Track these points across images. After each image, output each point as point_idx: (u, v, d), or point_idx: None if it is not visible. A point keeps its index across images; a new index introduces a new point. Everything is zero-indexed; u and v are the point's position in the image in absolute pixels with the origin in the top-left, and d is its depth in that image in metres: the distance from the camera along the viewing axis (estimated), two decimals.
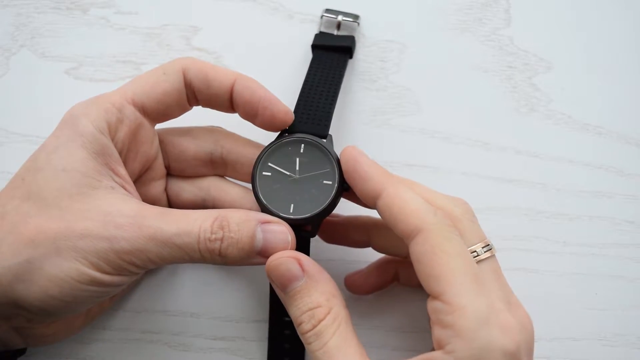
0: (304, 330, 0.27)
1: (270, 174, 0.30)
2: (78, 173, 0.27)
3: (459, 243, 0.26)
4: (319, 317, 0.27)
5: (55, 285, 0.25)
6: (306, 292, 0.27)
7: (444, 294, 0.25)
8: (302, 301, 0.27)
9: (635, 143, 0.38)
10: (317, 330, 0.26)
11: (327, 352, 0.26)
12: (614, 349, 0.35)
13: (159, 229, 0.26)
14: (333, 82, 0.34)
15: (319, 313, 0.27)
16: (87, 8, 0.40)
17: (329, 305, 0.27)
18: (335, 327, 0.26)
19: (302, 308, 0.27)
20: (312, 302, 0.27)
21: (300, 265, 0.27)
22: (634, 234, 0.37)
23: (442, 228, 0.26)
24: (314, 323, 0.26)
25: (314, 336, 0.26)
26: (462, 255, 0.25)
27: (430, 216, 0.26)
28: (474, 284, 0.25)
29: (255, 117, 0.30)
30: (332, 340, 0.26)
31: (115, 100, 0.29)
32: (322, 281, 0.28)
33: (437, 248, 0.25)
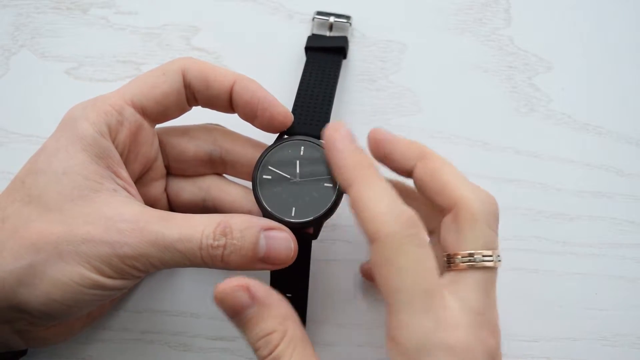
0: (261, 355, 0.26)
1: (270, 177, 0.30)
2: (79, 176, 0.27)
3: (415, 256, 0.24)
4: (274, 343, 0.26)
5: (57, 289, 0.25)
6: (259, 319, 0.26)
7: (391, 308, 0.24)
8: (255, 328, 0.26)
9: (635, 143, 0.38)
10: (275, 355, 0.26)
11: None
12: (614, 349, 0.35)
13: (161, 234, 0.26)
14: (329, 83, 0.34)
15: (274, 339, 0.26)
16: (87, 8, 0.40)
17: (283, 330, 0.26)
18: (292, 350, 0.26)
19: (257, 335, 0.26)
20: (266, 328, 0.26)
21: (250, 292, 0.26)
22: (634, 234, 0.37)
23: (398, 239, 0.24)
24: (271, 349, 0.26)
25: None
26: (415, 269, 0.24)
27: (389, 225, 0.24)
28: (424, 301, 0.24)
29: (255, 118, 0.30)
30: None
31: (115, 102, 0.28)
32: (273, 305, 0.26)
33: (388, 262, 0.24)
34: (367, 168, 0.26)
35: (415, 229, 0.25)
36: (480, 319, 0.25)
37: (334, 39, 0.38)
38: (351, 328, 0.35)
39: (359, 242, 0.36)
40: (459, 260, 0.26)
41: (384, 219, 0.24)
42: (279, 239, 0.28)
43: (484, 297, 0.26)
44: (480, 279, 0.26)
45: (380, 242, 0.24)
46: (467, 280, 0.26)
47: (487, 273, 0.26)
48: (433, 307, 0.24)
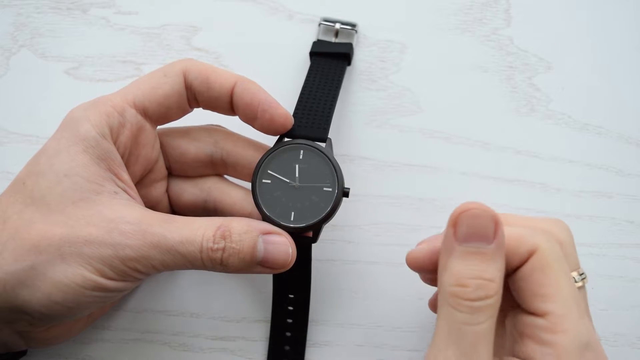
0: (465, 295, 0.23)
1: (270, 181, 0.30)
2: (81, 178, 0.27)
3: (566, 266, 0.25)
4: (488, 292, 0.23)
5: (59, 290, 0.25)
6: (488, 259, 0.24)
7: (552, 313, 0.24)
8: (478, 265, 0.24)
9: (635, 143, 0.38)
10: (478, 305, 0.23)
11: (475, 333, 0.23)
12: (614, 349, 0.35)
13: (163, 236, 0.26)
14: (332, 88, 0.34)
15: (490, 288, 0.23)
16: (87, 8, 0.40)
17: (499, 286, 0.24)
18: (494, 312, 0.24)
19: (475, 271, 0.24)
20: (490, 273, 0.24)
21: (496, 228, 0.24)
22: (634, 234, 0.37)
23: (554, 249, 0.25)
24: (480, 295, 0.23)
25: (469, 308, 0.23)
26: (568, 277, 0.25)
27: (541, 237, 0.25)
28: (578, 308, 0.24)
29: (255, 120, 0.30)
30: (485, 323, 0.23)
31: (117, 103, 0.28)
32: (503, 259, 0.24)
33: (549, 268, 0.24)
34: None
35: (559, 244, 0.26)
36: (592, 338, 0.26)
37: (339, 45, 0.38)
38: (351, 328, 0.35)
39: (359, 242, 0.36)
40: None
41: (534, 234, 0.25)
42: (277, 243, 0.28)
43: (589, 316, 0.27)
44: (581, 297, 0.27)
45: (540, 251, 0.25)
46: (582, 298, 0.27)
47: (583, 291, 0.27)
48: (583, 314, 0.25)
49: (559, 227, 0.27)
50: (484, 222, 0.24)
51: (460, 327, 0.23)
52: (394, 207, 0.37)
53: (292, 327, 0.33)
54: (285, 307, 0.33)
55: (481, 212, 0.24)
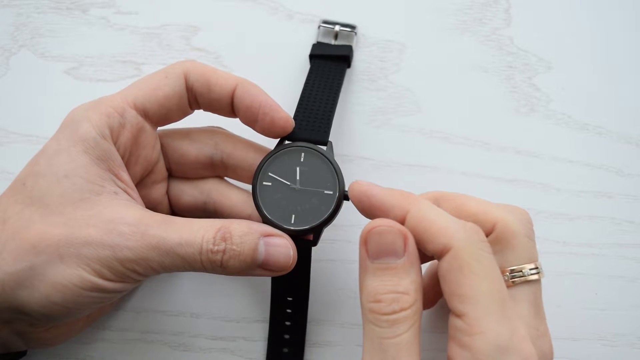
0: (381, 310, 0.24)
1: (270, 184, 0.30)
2: (80, 179, 0.26)
3: (489, 263, 0.24)
4: (402, 305, 0.24)
5: (57, 291, 0.25)
6: (399, 273, 0.25)
7: (467, 315, 0.24)
8: (390, 280, 0.25)
9: (635, 143, 0.38)
10: (394, 317, 0.24)
11: (398, 345, 0.24)
12: (614, 349, 0.35)
13: (162, 238, 0.26)
14: (332, 90, 0.34)
15: (404, 300, 0.24)
16: (87, 8, 0.40)
17: (415, 297, 0.24)
18: (413, 322, 0.24)
19: (387, 286, 0.25)
20: (403, 286, 0.24)
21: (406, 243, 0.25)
22: (634, 234, 0.37)
23: (472, 246, 0.24)
24: (395, 309, 0.24)
25: (387, 322, 0.24)
26: (490, 276, 0.24)
27: (460, 233, 0.24)
28: (500, 308, 0.24)
29: (255, 122, 0.30)
30: (406, 334, 0.24)
31: (117, 104, 0.28)
32: (417, 271, 0.25)
33: (465, 268, 0.24)
34: (414, 195, 0.27)
35: (484, 237, 0.25)
36: (537, 333, 0.25)
37: (338, 47, 0.38)
38: (351, 328, 0.35)
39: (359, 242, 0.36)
40: (507, 278, 0.26)
41: (454, 229, 0.24)
42: (278, 246, 0.28)
43: (536, 311, 0.26)
44: (530, 292, 0.26)
45: (454, 250, 0.24)
46: (519, 296, 0.26)
47: (534, 286, 0.26)
48: (507, 315, 0.24)
49: (514, 215, 0.27)
50: (391, 237, 0.25)
51: (380, 341, 0.24)
52: None
53: (291, 330, 0.33)
54: (284, 310, 0.33)
55: (387, 229, 0.25)
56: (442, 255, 0.25)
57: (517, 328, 0.24)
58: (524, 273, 0.26)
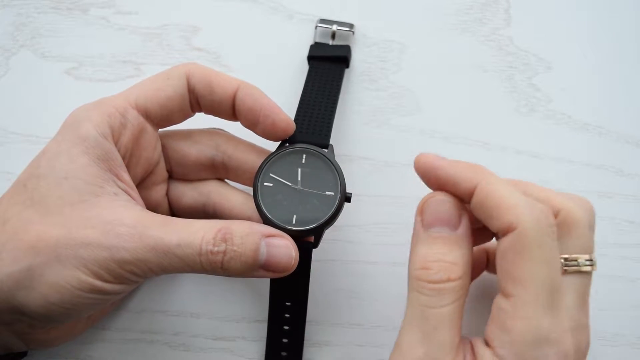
0: (428, 277, 0.24)
1: (272, 184, 0.30)
2: (80, 181, 0.26)
3: (550, 250, 0.24)
4: (450, 275, 0.24)
5: (55, 292, 0.25)
6: (451, 244, 0.25)
7: (515, 297, 0.24)
8: (441, 249, 0.25)
9: (635, 143, 0.38)
10: (440, 287, 0.24)
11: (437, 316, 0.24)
12: (614, 349, 0.35)
13: (160, 239, 0.26)
14: (331, 92, 0.34)
15: (453, 271, 0.24)
16: (87, 8, 0.40)
17: (464, 271, 0.24)
18: (459, 297, 0.24)
19: (438, 255, 0.25)
20: (453, 257, 0.24)
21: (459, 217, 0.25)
22: (634, 234, 0.37)
23: (538, 230, 0.24)
24: (443, 278, 0.24)
25: (434, 290, 0.24)
26: (548, 264, 0.24)
27: (528, 214, 0.24)
28: (549, 297, 0.24)
29: (257, 125, 0.30)
30: (450, 306, 0.24)
31: (119, 104, 0.28)
32: (469, 247, 0.25)
33: (526, 250, 0.23)
34: (483, 168, 0.26)
35: (553, 222, 0.24)
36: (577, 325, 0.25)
37: (336, 48, 0.38)
38: (351, 328, 0.35)
39: (359, 242, 0.36)
40: (561, 265, 0.25)
41: (523, 209, 0.24)
42: (280, 246, 0.28)
43: (581, 303, 0.26)
44: (580, 283, 0.26)
45: (519, 230, 0.24)
46: (568, 286, 0.26)
47: (585, 277, 0.26)
48: (555, 306, 0.24)
49: (578, 205, 0.26)
50: (448, 208, 0.25)
51: (422, 309, 0.24)
52: (394, 207, 0.37)
53: (289, 334, 0.33)
54: (282, 314, 0.33)
55: (446, 199, 0.25)
56: (505, 233, 0.24)
57: (561, 320, 0.24)
58: (578, 263, 0.26)
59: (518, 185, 0.27)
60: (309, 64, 0.37)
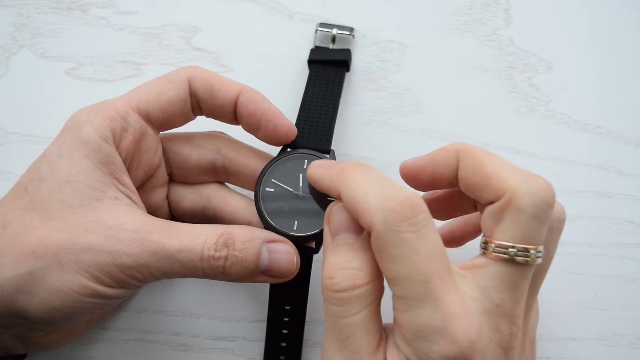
0: (334, 287, 0.24)
1: (273, 190, 0.30)
2: (81, 185, 0.26)
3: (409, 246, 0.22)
4: (356, 283, 0.23)
5: (56, 297, 0.25)
6: (355, 250, 0.24)
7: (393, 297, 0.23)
8: (346, 256, 0.24)
9: (635, 143, 0.38)
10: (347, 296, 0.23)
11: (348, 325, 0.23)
12: (614, 349, 0.35)
13: (162, 244, 0.26)
14: (332, 96, 0.34)
15: (358, 277, 0.23)
16: (87, 8, 0.40)
17: (371, 276, 0.24)
18: (369, 302, 0.24)
19: (342, 262, 0.24)
20: (357, 263, 0.24)
21: None
22: (634, 234, 0.37)
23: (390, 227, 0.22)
24: (348, 285, 0.23)
25: (341, 300, 0.23)
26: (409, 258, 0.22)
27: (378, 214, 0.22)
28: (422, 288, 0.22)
29: (258, 130, 0.30)
30: (358, 315, 0.23)
31: (120, 107, 0.28)
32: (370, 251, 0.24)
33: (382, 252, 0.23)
34: (348, 169, 0.25)
35: (410, 213, 0.22)
36: (497, 310, 0.23)
37: (336, 51, 0.38)
38: None
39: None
40: (491, 249, 0.24)
41: (372, 209, 0.23)
42: (281, 252, 0.28)
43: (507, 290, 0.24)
44: (507, 272, 0.24)
45: (374, 234, 0.23)
46: (492, 270, 0.24)
47: (518, 268, 0.24)
48: (432, 295, 0.22)
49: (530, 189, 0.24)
50: (349, 214, 0.24)
51: (335, 320, 0.24)
52: None
53: (288, 337, 0.33)
54: (282, 318, 0.33)
55: (336, 210, 0.25)
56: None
57: (448, 304, 0.22)
58: (508, 252, 0.23)
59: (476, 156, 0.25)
60: (310, 67, 0.37)
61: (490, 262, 0.24)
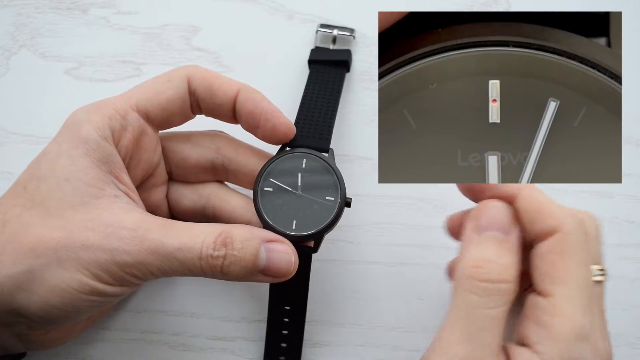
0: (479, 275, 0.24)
1: (272, 189, 0.30)
2: (81, 182, 0.26)
3: (588, 255, 0.25)
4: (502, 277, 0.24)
5: (56, 294, 0.25)
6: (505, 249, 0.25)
7: (555, 295, 0.24)
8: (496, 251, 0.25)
9: (635, 143, 0.38)
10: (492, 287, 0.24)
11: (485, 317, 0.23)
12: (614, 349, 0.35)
13: (161, 243, 0.26)
14: (332, 96, 0.34)
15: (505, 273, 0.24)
16: (87, 8, 0.40)
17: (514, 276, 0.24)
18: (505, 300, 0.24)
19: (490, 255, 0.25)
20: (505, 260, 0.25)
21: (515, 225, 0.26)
22: (634, 234, 0.37)
23: (579, 234, 0.25)
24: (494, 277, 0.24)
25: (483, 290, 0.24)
26: (587, 267, 0.25)
27: (569, 219, 0.25)
28: (588, 299, 0.24)
29: (257, 129, 0.30)
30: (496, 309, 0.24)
31: (119, 106, 0.28)
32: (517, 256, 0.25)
33: (567, 251, 0.24)
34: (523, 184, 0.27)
35: (594, 231, 0.26)
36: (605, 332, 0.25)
37: (337, 52, 0.38)
38: (351, 328, 0.35)
39: (359, 242, 0.36)
40: None
41: (565, 214, 0.25)
42: (279, 252, 0.28)
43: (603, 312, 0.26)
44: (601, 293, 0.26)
45: (561, 234, 0.24)
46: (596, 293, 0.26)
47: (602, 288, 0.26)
48: (591, 309, 0.24)
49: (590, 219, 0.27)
50: (503, 214, 0.25)
51: (471, 310, 0.24)
52: (394, 207, 0.37)
53: (288, 338, 0.33)
54: (281, 319, 0.33)
55: (501, 205, 0.26)
56: (545, 237, 0.25)
57: (596, 323, 0.24)
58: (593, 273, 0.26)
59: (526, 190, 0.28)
60: (310, 67, 0.37)
61: None
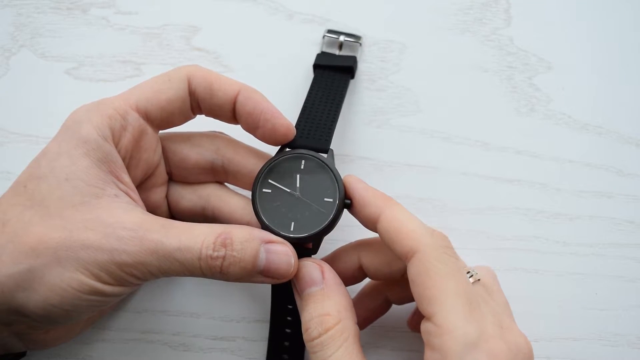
0: (310, 336, 0.27)
1: (270, 191, 0.30)
2: (81, 182, 0.26)
3: (454, 264, 0.26)
4: (326, 326, 0.27)
5: (55, 294, 0.25)
6: (320, 299, 0.27)
7: (435, 315, 0.25)
8: (314, 306, 0.27)
9: (635, 143, 0.38)
10: (323, 339, 0.26)
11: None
12: (614, 349, 0.35)
13: (161, 243, 0.26)
14: (335, 101, 0.34)
15: (327, 321, 0.27)
16: (87, 8, 0.40)
17: (338, 317, 0.27)
18: (342, 341, 0.26)
19: (312, 313, 0.27)
20: (324, 309, 0.27)
21: (322, 273, 0.28)
22: (634, 234, 0.37)
23: (437, 249, 0.26)
24: (320, 331, 0.27)
25: (319, 345, 0.26)
26: (455, 277, 0.25)
27: (427, 237, 0.26)
28: (466, 306, 0.25)
29: (257, 129, 0.30)
30: (337, 353, 0.26)
31: (119, 106, 0.28)
32: (338, 294, 0.28)
33: (431, 270, 0.25)
34: (390, 198, 0.29)
35: (449, 244, 0.27)
36: (503, 328, 0.26)
37: (342, 58, 0.38)
38: None
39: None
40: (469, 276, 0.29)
41: (421, 233, 0.26)
42: (279, 253, 0.28)
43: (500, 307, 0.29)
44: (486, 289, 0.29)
45: (420, 253, 0.26)
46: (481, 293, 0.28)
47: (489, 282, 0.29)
48: (474, 314, 0.25)
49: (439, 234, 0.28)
50: (308, 269, 0.28)
51: None
52: None
53: (291, 337, 0.33)
54: (284, 318, 0.33)
55: (304, 263, 0.29)
56: (408, 258, 0.26)
57: (485, 325, 0.25)
58: (471, 273, 0.28)
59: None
60: (314, 72, 0.37)
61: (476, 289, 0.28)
